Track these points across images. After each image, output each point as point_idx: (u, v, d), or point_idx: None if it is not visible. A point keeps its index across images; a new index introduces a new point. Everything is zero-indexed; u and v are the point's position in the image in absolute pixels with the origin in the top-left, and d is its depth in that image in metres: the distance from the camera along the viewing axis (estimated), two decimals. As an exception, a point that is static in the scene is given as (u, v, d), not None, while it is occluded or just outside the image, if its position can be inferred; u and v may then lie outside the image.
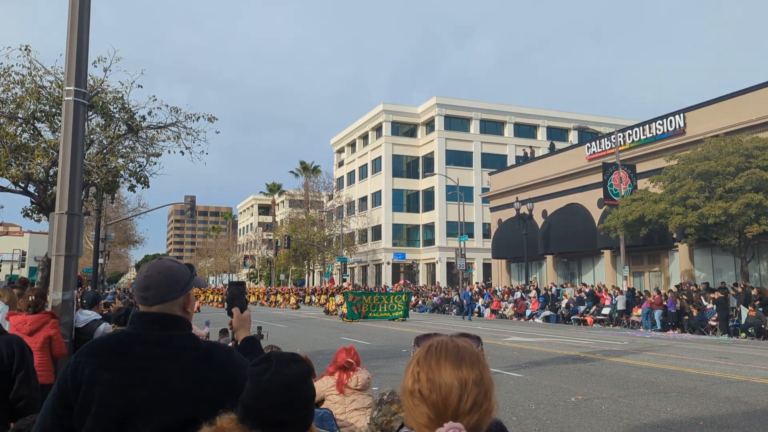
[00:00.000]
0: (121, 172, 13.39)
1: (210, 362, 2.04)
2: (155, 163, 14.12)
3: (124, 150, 13.77)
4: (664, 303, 25.42)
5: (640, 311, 26.66)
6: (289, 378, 1.67)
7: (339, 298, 36.40)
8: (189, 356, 2.03)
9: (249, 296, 57.30)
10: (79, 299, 7.38)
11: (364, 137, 71.04)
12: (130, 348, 2.01)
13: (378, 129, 67.37)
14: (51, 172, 12.29)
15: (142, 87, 13.07)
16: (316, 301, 54.07)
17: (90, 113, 12.59)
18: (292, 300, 51.91)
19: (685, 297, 25.13)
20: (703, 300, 24.81)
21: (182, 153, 13.65)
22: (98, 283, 29.35)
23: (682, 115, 31.50)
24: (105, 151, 13.11)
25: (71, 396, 1.95)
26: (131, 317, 2.13)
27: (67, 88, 6.04)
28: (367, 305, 30.87)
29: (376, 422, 4.04)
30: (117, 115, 13.20)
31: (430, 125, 64.53)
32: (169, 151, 13.78)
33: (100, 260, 30.91)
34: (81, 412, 1.93)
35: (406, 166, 66.35)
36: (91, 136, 12.97)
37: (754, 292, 23.19)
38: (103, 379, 1.94)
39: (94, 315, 6.40)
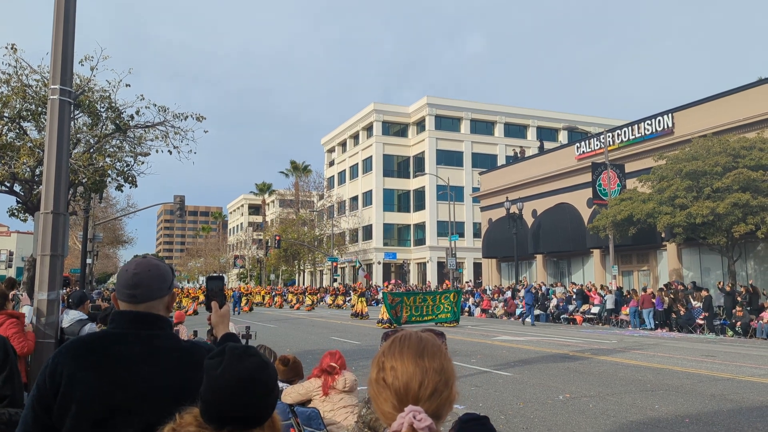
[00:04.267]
0: (109, 172, 13.32)
1: (191, 362, 2.03)
2: (143, 163, 14.09)
3: (111, 149, 13.70)
4: (653, 301, 25.60)
5: (628, 310, 26.84)
6: (240, 373, 1.60)
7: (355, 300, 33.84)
8: (170, 356, 2.02)
9: (254, 296, 55.64)
10: (66, 299, 7.33)
11: (355, 137, 71.03)
12: (110, 348, 1.99)
13: (369, 128, 67.38)
14: (37, 172, 12.21)
15: (129, 86, 13.01)
16: (330, 302, 49.39)
17: (77, 112, 12.52)
18: (308, 300, 46.59)
19: (672, 296, 25.31)
20: (691, 299, 25.01)
21: (170, 152, 13.62)
22: (86, 284, 29.17)
23: (670, 115, 31.72)
24: (92, 150, 13.03)
25: (50, 396, 1.93)
26: (111, 317, 2.11)
27: (52, 86, 6.00)
28: (409, 308, 26.11)
29: (364, 420, 4.06)
30: (104, 114, 13.14)
31: (420, 125, 64.62)
32: (157, 151, 13.76)
33: (89, 260, 30.72)
34: (60, 412, 1.91)
35: (396, 166, 66.41)
36: (78, 136, 12.90)
37: (741, 291, 23.42)
38: (82, 379, 1.92)
39: (80, 315, 6.36)
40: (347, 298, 46.02)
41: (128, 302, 2.07)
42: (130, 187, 13.83)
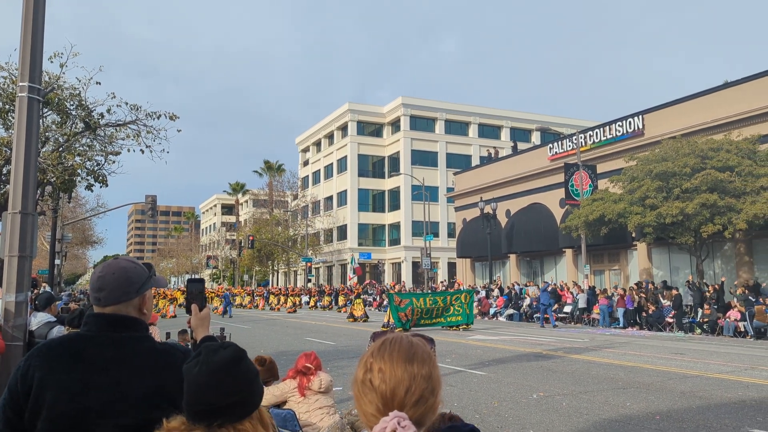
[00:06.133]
0: (78, 171, 13.06)
1: (166, 364, 2.00)
2: (114, 162, 13.82)
3: (81, 148, 13.44)
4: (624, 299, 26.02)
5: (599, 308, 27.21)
6: (214, 364, 1.67)
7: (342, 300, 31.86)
8: (144, 359, 1.99)
9: (236, 298, 54.19)
10: (33, 301, 7.16)
11: (330, 136, 70.84)
12: (83, 350, 1.96)
13: (343, 128, 67.27)
14: (4, 171, 11.92)
15: (100, 84, 12.78)
16: (312, 303, 47.54)
17: (46, 110, 12.26)
18: (289, 303, 44.59)
19: (643, 295, 25.76)
20: (661, 298, 25.47)
21: (142, 152, 13.41)
22: (54, 285, 28.58)
23: (640, 116, 32.27)
24: (61, 149, 12.77)
25: (21, 400, 1.90)
26: (85, 318, 2.08)
27: (21, 84, 5.87)
28: (419, 310, 24.03)
29: (350, 420, 4.06)
30: (74, 113, 12.88)
31: (395, 125, 64.73)
32: (128, 150, 13.52)
33: (57, 261, 30.12)
34: (32, 416, 1.88)
35: (371, 166, 66.43)
36: (47, 134, 12.63)
37: (710, 290, 23.93)
38: (54, 382, 1.89)
39: (48, 317, 6.23)
40: (332, 299, 45.34)
41: (95, 305, 2.06)
42: (101, 187, 13.57)
